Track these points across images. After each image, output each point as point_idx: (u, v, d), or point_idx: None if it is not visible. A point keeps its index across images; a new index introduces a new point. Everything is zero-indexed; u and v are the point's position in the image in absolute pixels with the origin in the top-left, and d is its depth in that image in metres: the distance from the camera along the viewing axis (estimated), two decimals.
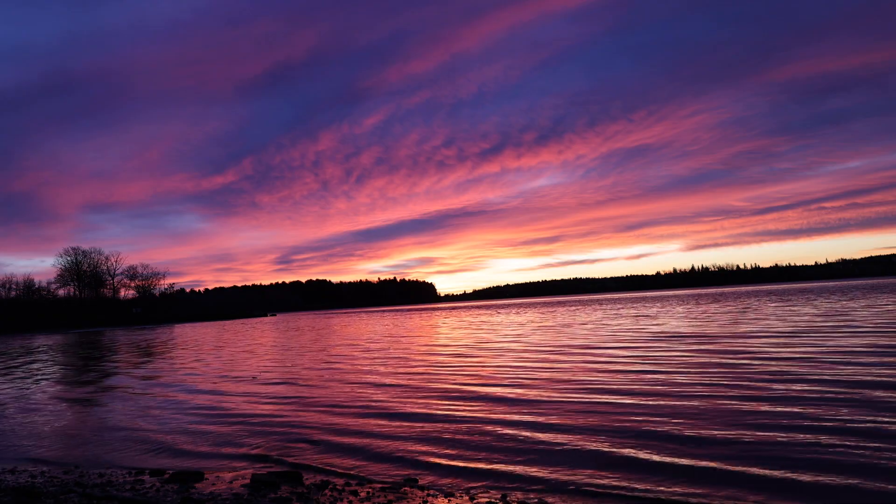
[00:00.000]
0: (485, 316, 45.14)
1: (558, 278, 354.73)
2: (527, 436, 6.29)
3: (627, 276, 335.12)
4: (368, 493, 4.74)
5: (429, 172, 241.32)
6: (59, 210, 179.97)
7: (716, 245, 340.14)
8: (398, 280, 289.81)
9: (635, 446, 5.65)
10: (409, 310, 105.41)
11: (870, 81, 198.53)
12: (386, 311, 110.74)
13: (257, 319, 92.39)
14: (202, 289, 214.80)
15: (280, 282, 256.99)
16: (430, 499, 4.56)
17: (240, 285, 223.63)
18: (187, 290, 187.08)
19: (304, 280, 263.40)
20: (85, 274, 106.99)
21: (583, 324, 26.19)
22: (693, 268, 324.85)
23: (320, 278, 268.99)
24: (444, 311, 77.85)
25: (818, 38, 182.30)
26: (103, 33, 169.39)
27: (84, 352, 28.34)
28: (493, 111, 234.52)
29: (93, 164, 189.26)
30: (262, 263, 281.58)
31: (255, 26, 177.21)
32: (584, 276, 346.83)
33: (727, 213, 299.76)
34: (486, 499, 4.50)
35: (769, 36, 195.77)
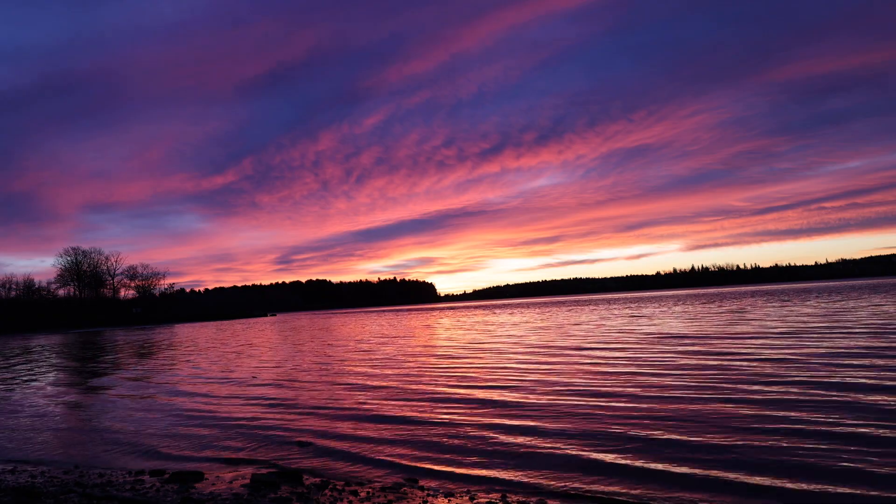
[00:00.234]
0: (484, 316, 45.13)
1: (558, 278, 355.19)
2: (508, 440, 6.24)
3: (627, 276, 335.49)
4: (368, 493, 4.74)
5: (429, 172, 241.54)
6: (59, 210, 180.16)
7: (716, 245, 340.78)
8: (398, 280, 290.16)
9: (616, 450, 5.58)
10: (408, 310, 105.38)
11: (870, 81, 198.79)
12: (386, 311, 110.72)
13: (257, 319, 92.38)
14: (202, 289, 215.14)
15: (280, 282, 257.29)
16: (430, 499, 4.56)
17: (240, 285, 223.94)
18: (187, 290, 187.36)
19: (304, 280, 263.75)
20: (85, 274, 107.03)
21: (579, 324, 26.19)
22: (693, 268, 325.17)
23: (320, 278, 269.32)
24: (444, 311, 77.82)
25: (818, 38, 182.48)
26: (103, 33, 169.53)
27: (83, 352, 28.34)
28: (493, 111, 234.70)
29: (93, 164, 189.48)
30: (262, 263, 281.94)
31: (255, 26, 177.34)
32: (584, 276, 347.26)
33: (727, 213, 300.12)
34: (485, 499, 4.50)
35: (769, 36, 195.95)
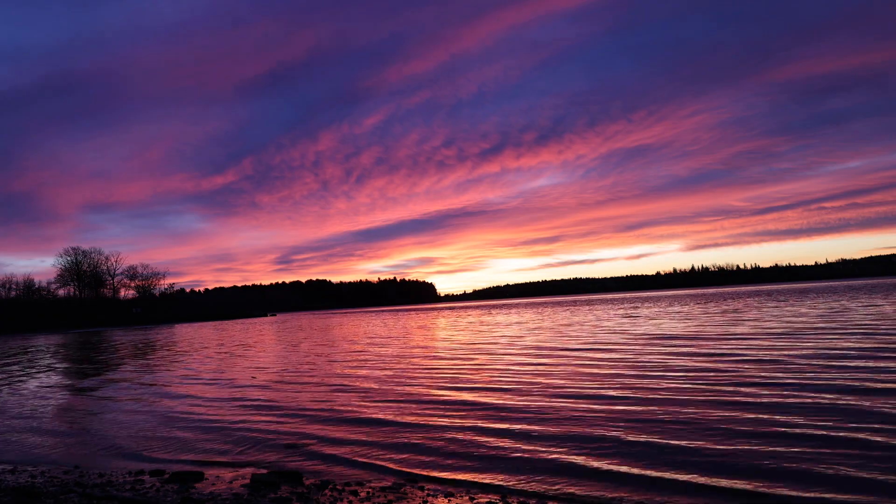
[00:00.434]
0: (482, 316, 45.10)
1: (558, 278, 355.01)
2: (501, 442, 6.20)
3: (627, 276, 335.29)
4: (368, 493, 4.74)
5: (429, 172, 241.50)
6: (59, 210, 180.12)
7: (716, 245, 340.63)
8: (398, 280, 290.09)
9: (603, 454, 5.50)
10: (408, 310, 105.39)
11: (870, 81, 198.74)
12: (386, 311, 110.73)
13: (257, 319, 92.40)
14: (202, 289, 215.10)
15: (280, 282, 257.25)
16: (430, 499, 4.56)
17: (240, 285, 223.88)
18: (187, 290, 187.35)
19: (304, 280, 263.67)
20: (85, 274, 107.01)
21: (576, 325, 26.18)
22: (693, 268, 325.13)
23: (320, 278, 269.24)
24: (443, 311, 77.84)
25: (818, 38, 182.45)
26: (103, 34, 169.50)
27: (83, 353, 28.34)
28: (493, 111, 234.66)
29: (93, 164, 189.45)
30: (262, 263, 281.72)
31: (255, 26, 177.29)
32: (584, 276, 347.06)
33: (727, 213, 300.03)
34: (485, 499, 4.50)
35: (769, 36, 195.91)
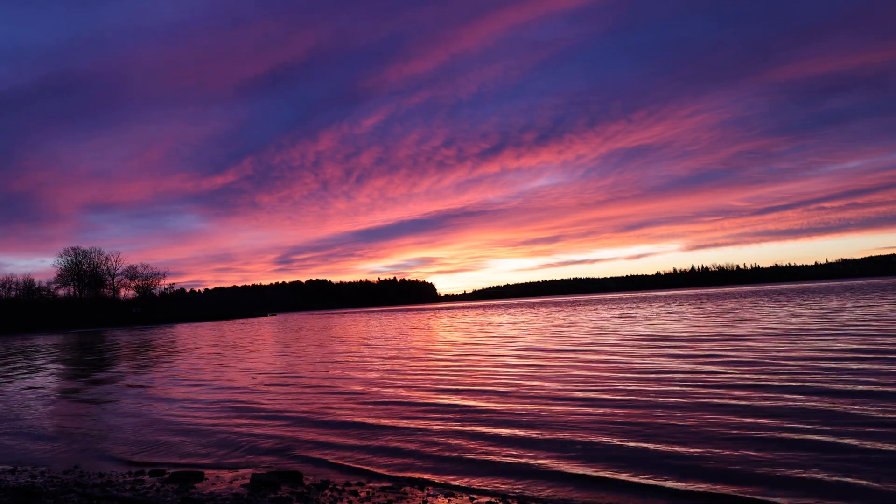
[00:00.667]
0: (481, 317, 45.04)
1: (558, 278, 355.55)
2: (486, 448, 6.10)
3: (627, 276, 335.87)
4: (368, 493, 4.74)
5: (429, 172, 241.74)
6: (59, 210, 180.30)
7: (716, 245, 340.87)
8: (398, 280, 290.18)
9: (588, 459, 5.35)
10: (408, 310, 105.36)
11: (870, 81, 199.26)
12: (385, 311, 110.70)
13: (257, 319, 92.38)
14: (202, 289, 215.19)
15: (280, 282, 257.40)
16: (430, 499, 4.56)
17: (240, 285, 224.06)
18: (187, 290, 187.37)
19: (304, 280, 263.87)
20: (85, 274, 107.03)
21: (573, 326, 26.17)
22: (693, 268, 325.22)
23: (320, 278, 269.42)
24: (443, 311, 77.84)
25: (818, 38, 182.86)
26: (103, 34, 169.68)
27: (83, 352, 28.34)
28: (493, 111, 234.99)
29: (93, 164, 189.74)
30: (262, 263, 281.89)
31: (255, 26, 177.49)
32: (584, 276, 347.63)
33: (727, 213, 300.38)
34: (485, 499, 4.51)
35: (769, 36, 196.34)
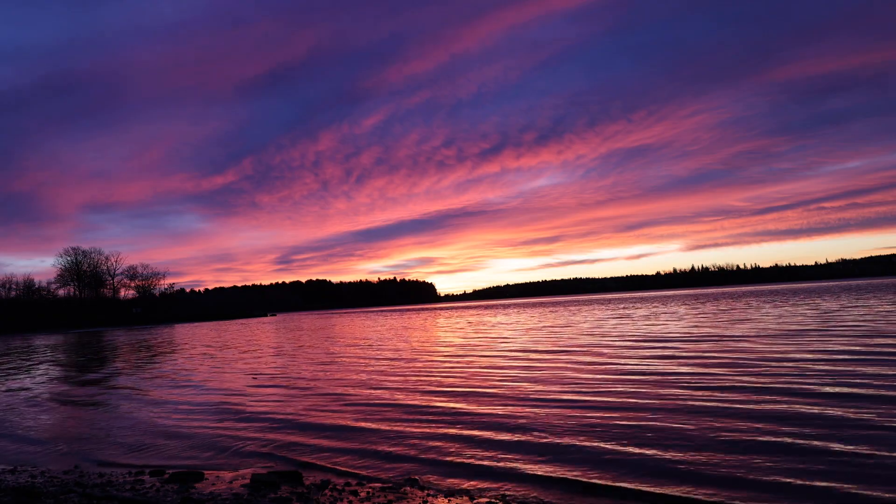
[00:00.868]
0: (479, 317, 45.03)
1: (558, 278, 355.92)
2: (472, 453, 6.06)
3: (627, 276, 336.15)
4: (368, 493, 4.74)
5: (429, 172, 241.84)
6: (59, 210, 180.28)
7: (716, 245, 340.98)
8: (398, 280, 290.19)
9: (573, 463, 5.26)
10: (408, 310, 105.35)
11: (870, 81, 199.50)
12: (385, 311, 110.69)
13: (257, 319, 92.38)
14: (202, 289, 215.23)
15: (280, 282, 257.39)
16: (430, 499, 4.56)
17: (240, 285, 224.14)
18: (187, 290, 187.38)
19: (304, 280, 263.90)
20: (85, 274, 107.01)
21: (568, 326, 26.15)
22: (693, 268, 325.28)
23: (320, 278, 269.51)
24: (442, 311, 77.83)
25: (818, 38, 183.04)
26: (103, 34, 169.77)
27: (83, 352, 28.33)
28: (493, 111, 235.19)
29: (93, 164, 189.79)
30: (262, 263, 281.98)
31: (255, 26, 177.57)
32: (584, 276, 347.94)
33: (727, 213, 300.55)
34: (485, 499, 4.51)
35: (769, 36, 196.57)
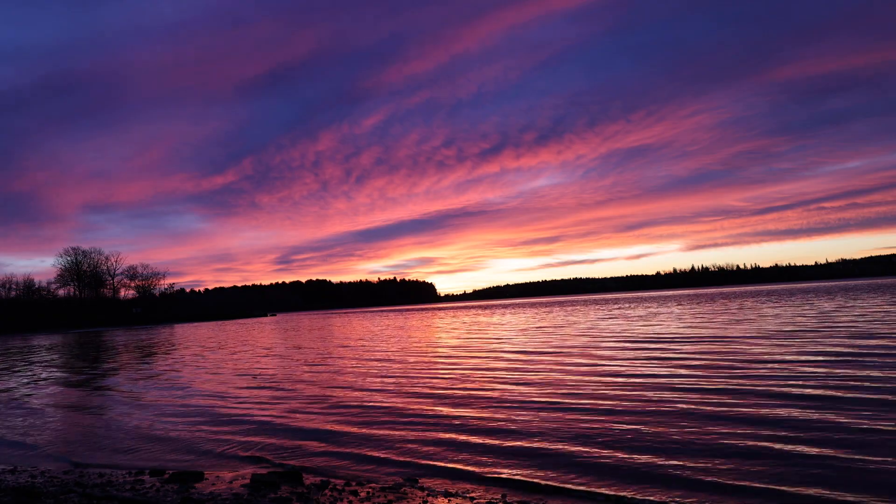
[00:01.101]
0: (478, 317, 45.05)
1: (558, 278, 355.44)
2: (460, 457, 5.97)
3: (627, 276, 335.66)
4: (368, 493, 4.74)
5: (428, 172, 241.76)
6: (59, 210, 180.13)
7: (716, 245, 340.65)
8: (398, 280, 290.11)
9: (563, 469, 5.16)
10: (408, 310, 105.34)
11: (870, 81, 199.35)
12: (385, 311, 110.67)
13: (257, 319, 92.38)
14: (202, 289, 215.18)
15: (280, 282, 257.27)
16: (430, 499, 4.56)
17: (240, 285, 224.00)
18: (187, 290, 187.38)
19: (304, 280, 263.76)
20: (85, 274, 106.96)
21: (564, 326, 26.14)
22: (693, 268, 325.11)
23: (320, 278, 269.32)
24: (442, 311, 77.85)
25: (818, 38, 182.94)
26: (103, 33, 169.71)
27: (82, 352, 28.33)
28: (493, 111, 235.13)
29: (93, 164, 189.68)
30: (262, 263, 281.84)
31: (255, 26, 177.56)
32: (584, 276, 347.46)
33: (727, 213, 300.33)
34: (485, 499, 4.50)
35: (769, 36, 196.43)
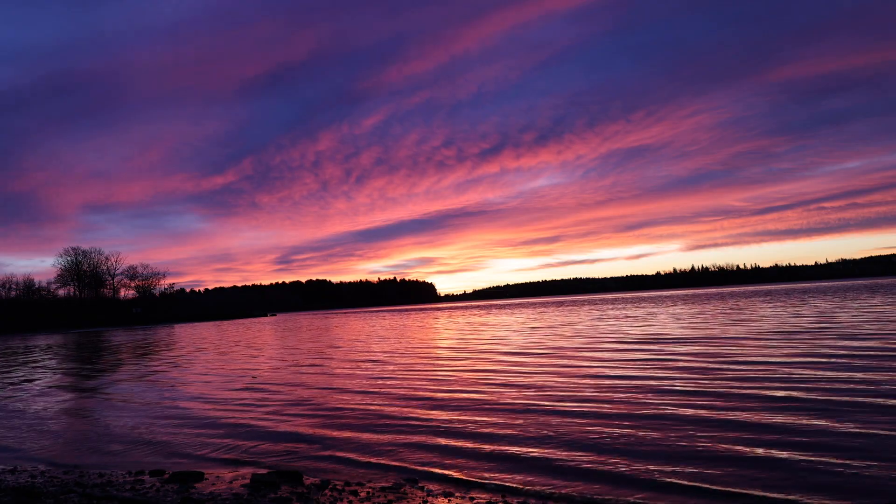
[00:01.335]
0: (478, 317, 45.03)
1: (558, 278, 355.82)
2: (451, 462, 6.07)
3: (627, 276, 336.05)
4: (368, 493, 4.74)
5: (428, 172, 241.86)
6: (59, 210, 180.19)
7: (716, 245, 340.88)
8: (398, 280, 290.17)
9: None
10: (407, 310, 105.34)
11: (870, 81, 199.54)
12: (385, 311, 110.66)
13: (257, 319, 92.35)
14: (202, 289, 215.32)
15: (280, 282, 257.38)
16: (430, 499, 4.56)
17: (240, 285, 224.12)
18: (187, 290, 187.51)
19: (304, 280, 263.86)
20: (85, 274, 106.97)
21: (562, 326, 26.12)
22: (693, 268, 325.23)
23: (320, 278, 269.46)
24: (442, 311, 77.88)
25: (818, 38, 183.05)
26: (104, 34, 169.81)
27: (82, 353, 28.33)
28: (493, 111, 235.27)
29: (93, 164, 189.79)
30: (262, 263, 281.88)
31: (256, 26, 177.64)
32: (584, 276, 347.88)
33: (727, 213, 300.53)
34: (485, 499, 4.51)
35: (769, 36, 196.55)
